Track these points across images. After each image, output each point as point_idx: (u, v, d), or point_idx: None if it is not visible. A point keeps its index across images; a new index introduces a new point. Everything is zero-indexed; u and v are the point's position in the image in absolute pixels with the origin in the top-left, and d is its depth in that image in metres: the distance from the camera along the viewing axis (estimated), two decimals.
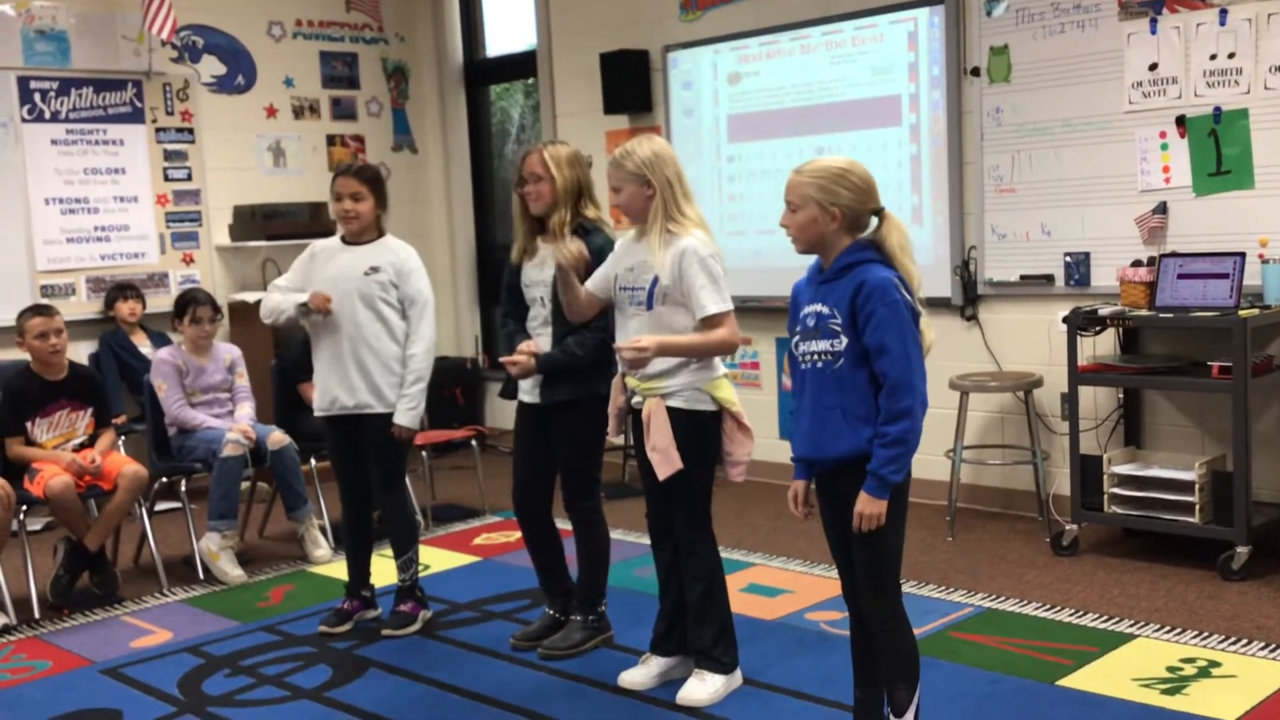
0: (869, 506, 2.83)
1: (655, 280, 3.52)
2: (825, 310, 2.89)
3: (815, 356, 2.90)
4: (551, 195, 3.92)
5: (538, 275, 4.00)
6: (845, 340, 2.85)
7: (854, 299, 2.84)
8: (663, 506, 3.65)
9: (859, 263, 2.88)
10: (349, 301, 4.29)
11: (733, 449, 3.59)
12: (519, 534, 5.68)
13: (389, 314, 4.31)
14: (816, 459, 2.96)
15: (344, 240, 4.40)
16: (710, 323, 3.49)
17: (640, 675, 3.75)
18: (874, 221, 2.94)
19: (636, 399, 3.60)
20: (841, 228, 2.90)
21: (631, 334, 3.57)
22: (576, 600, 4.17)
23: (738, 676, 3.69)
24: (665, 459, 3.49)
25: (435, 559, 5.32)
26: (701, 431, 3.54)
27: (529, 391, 4.05)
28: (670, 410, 3.50)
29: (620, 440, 3.76)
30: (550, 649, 4.08)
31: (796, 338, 2.97)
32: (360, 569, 4.56)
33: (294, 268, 4.48)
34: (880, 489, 2.83)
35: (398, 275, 4.31)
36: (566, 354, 3.87)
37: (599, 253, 3.88)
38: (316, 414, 4.43)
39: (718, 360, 3.60)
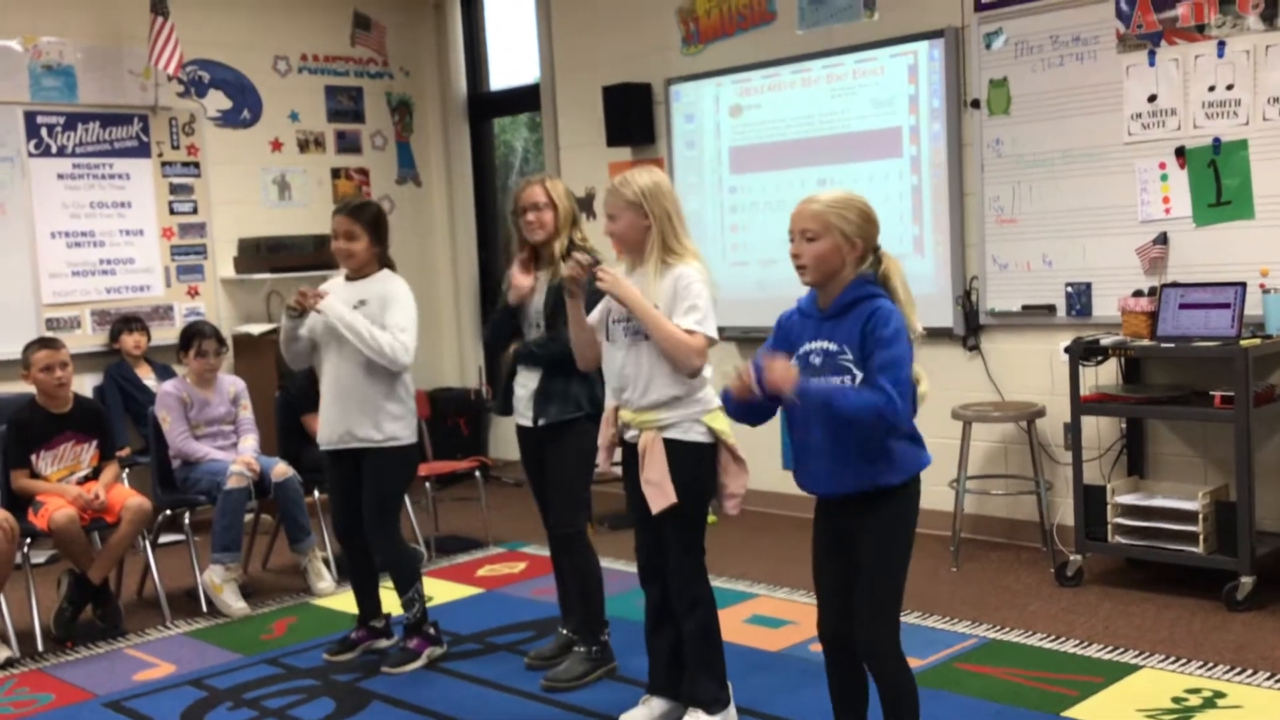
0: (785, 373, 2.78)
1: (654, 309, 3.52)
2: (834, 347, 2.87)
3: None
4: (554, 222, 4.06)
5: (534, 300, 4.12)
6: (859, 375, 2.83)
7: (864, 328, 2.83)
8: (654, 541, 3.60)
9: (867, 296, 2.88)
10: (339, 337, 4.28)
11: (728, 481, 3.55)
12: (523, 565, 5.71)
13: None
14: (839, 496, 2.94)
15: (347, 277, 4.42)
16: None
17: (641, 716, 3.72)
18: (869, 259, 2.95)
19: (631, 433, 3.57)
20: (856, 259, 2.90)
21: (619, 365, 3.54)
22: (579, 632, 4.17)
23: (732, 712, 3.65)
24: (660, 492, 3.46)
25: (438, 590, 5.31)
26: (699, 464, 3.51)
27: (523, 414, 4.11)
28: (667, 442, 3.48)
29: (618, 471, 3.74)
30: (554, 681, 4.08)
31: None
32: (368, 601, 4.56)
33: None
34: (806, 393, 2.79)
35: (381, 305, 4.30)
36: (539, 347, 4.03)
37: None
38: (321, 447, 4.43)
39: (712, 392, 3.56)
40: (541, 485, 4.18)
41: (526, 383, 4.10)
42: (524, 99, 7.93)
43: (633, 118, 6.82)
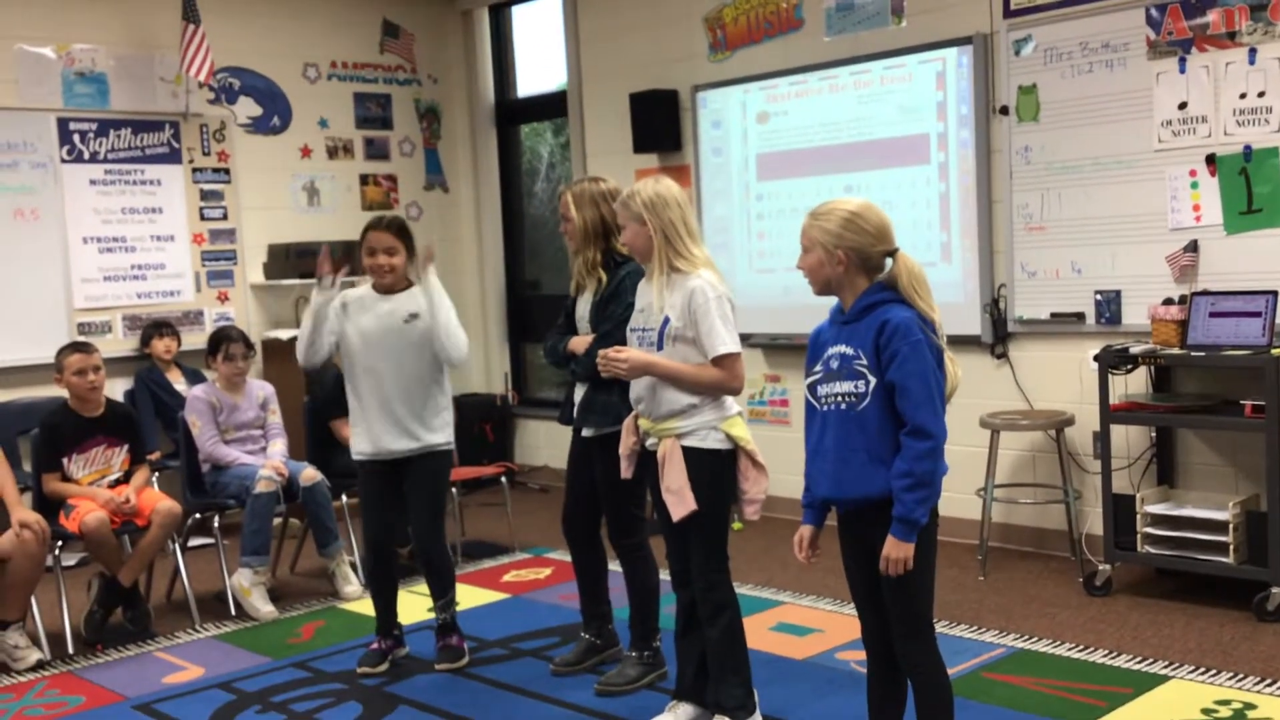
0: (896, 550, 2.83)
1: (666, 320, 3.51)
2: (850, 351, 2.89)
3: (839, 398, 2.90)
4: (574, 234, 4.06)
5: (584, 310, 4.13)
6: (872, 381, 2.84)
7: (877, 339, 2.84)
8: (681, 547, 3.62)
9: (880, 303, 2.89)
10: (394, 350, 4.31)
11: (748, 487, 3.56)
12: (548, 571, 5.72)
13: (430, 358, 4.35)
14: (839, 500, 2.95)
15: (376, 289, 4.42)
16: (718, 363, 3.47)
17: None
18: (889, 262, 2.95)
19: (651, 441, 3.58)
20: (850, 270, 2.91)
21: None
22: (631, 635, 4.18)
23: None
24: (680, 500, 3.47)
25: (465, 596, 5.31)
26: (719, 470, 3.52)
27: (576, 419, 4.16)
28: (686, 450, 3.49)
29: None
30: (607, 685, 4.09)
31: (816, 379, 2.96)
32: (389, 610, 4.56)
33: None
34: (908, 533, 2.82)
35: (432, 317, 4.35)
36: (576, 364, 4.07)
37: (619, 283, 3.98)
38: (356, 458, 4.43)
39: (731, 400, 3.58)
40: (578, 488, 4.21)
41: (580, 390, 4.14)
42: (551, 105, 7.95)
43: (660, 124, 6.82)
